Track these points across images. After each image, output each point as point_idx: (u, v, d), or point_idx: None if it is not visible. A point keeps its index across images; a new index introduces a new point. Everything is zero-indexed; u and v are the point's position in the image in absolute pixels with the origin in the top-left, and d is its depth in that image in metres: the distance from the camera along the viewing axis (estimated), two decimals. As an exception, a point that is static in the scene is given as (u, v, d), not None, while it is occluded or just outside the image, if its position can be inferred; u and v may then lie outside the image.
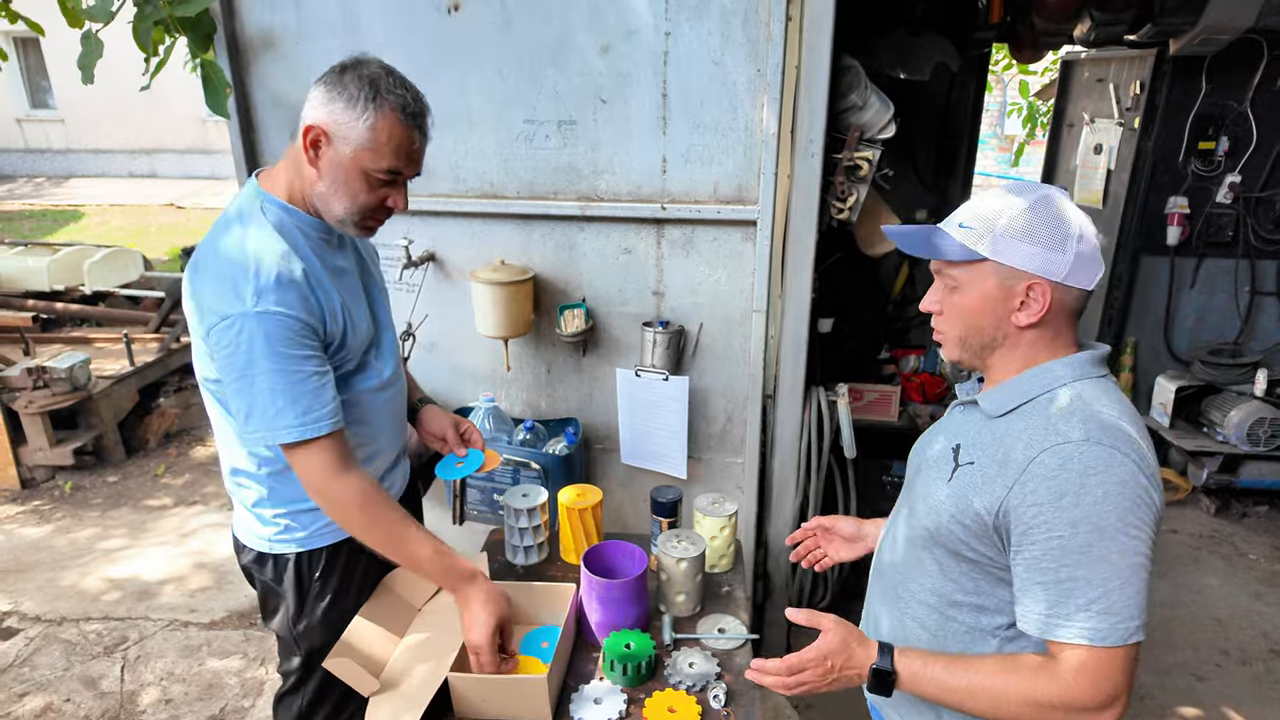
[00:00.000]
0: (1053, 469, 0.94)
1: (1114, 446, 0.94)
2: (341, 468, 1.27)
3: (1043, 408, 1.00)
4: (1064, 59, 4.43)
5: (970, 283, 1.04)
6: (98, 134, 13.31)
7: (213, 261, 1.23)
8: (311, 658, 1.43)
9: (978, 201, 1.05)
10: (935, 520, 1.07)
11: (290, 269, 1.23)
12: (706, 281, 2.10)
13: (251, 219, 1.27)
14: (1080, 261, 0.99)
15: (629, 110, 2.00)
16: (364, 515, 1.29)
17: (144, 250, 6.45)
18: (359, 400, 1.41)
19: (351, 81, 1.21)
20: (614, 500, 2.34)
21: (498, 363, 2.22)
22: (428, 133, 1.29)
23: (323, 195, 1.27)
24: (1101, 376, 1.03)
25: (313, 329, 1.25)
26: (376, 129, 1.21)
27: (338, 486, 1.27)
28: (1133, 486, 0.93)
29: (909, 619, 1.15)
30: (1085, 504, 0.92)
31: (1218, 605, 3.00)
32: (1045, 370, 1.03)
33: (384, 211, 1.32)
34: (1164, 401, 3.75)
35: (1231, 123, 3.54)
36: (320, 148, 1.24)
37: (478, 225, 2.16)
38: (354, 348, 1.36)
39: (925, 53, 2.77)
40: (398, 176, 1.28)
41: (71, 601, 2.97)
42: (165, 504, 3.73)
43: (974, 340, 1.07)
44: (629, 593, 1.44)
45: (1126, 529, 0.92)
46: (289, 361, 1.20)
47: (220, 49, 2.06)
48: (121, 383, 4.14)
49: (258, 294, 1.19)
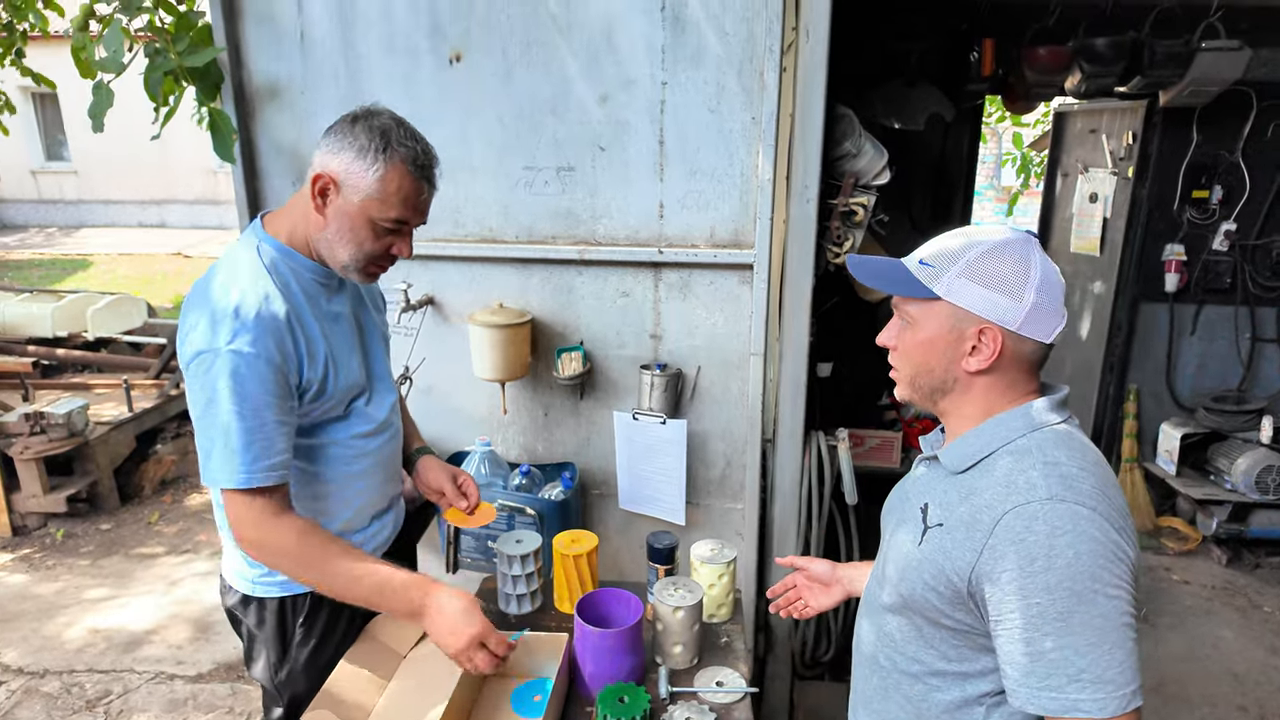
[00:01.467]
0: (1018, 531, 0.90)
1: (1078, 502, 0.89)
2: (275, 514, 1.23)
3: (1003, 462, 0.96)
4: (1056, 110, 4.52)
5: (924, 321, 1.01)
6: (109, 185, 13.58)
7: (201, 298, 1.24)
8: (294, 708, 1.38)
9: (943, 239, 1.02)
10: (909, 587, 1.02)
11: (272, 310, 1.23)
12: (704, 325, 2.10)
13: (246, 259, 1.27)
14: (1037, 312, 0.96)
15: (627, 157, 2.02)
16: (300, 559, 1.24)
17: (149, 298, 6.50)
18: (348, 444, 1.38)
19: (363, 132, 1.22)
20: (611, 547, 2.30)
21: (494, 406, 2.20)
22: (435, 183, 1.30)
23: (328, 241, 1.27)
24: (1061, 423, 0.99)
25: (284, 375, 1.23)
26: (386, 179, 1.22)
27: (270, 533, 1.22)
28: (1104, 543, 0.88)
29: (891, 689, 1.09)
30: (1058, 567, 0.87)
31: (1234, 660, 2.91)
32: (1001, 422, 0.99)
33: (389, 259, 1.32)
34: (1169, 449, 3.71)
35: (1224, 172, 3.58)
36: (328, 196, 1.25)
37: (477, 269, 2.18)
38: (337, 395, 1.34)
39: (919, 103, 2.83)
40: (404, 226, 1.29)
41: (56, 653, 2.90)
42: (156, 552, 3.67)
43: (923, 381, 1.04)
44: (624, 643, 1.40)
45: (1105, 589, 0.87)
46: (250, 405, 1.19)
47: (227, 98, 2.10)
48: (119, 429, 4.11)
49: (234, 333, 1.18)
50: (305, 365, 1.27)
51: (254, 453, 1.19)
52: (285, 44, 2.08)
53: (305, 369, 1.27)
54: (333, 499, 1.39)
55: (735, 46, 1.90)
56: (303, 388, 1.28)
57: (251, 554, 1.26)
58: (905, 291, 1.02)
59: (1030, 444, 0.97)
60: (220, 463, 1.19)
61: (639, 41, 1.94)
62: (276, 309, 1.23)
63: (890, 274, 1.04)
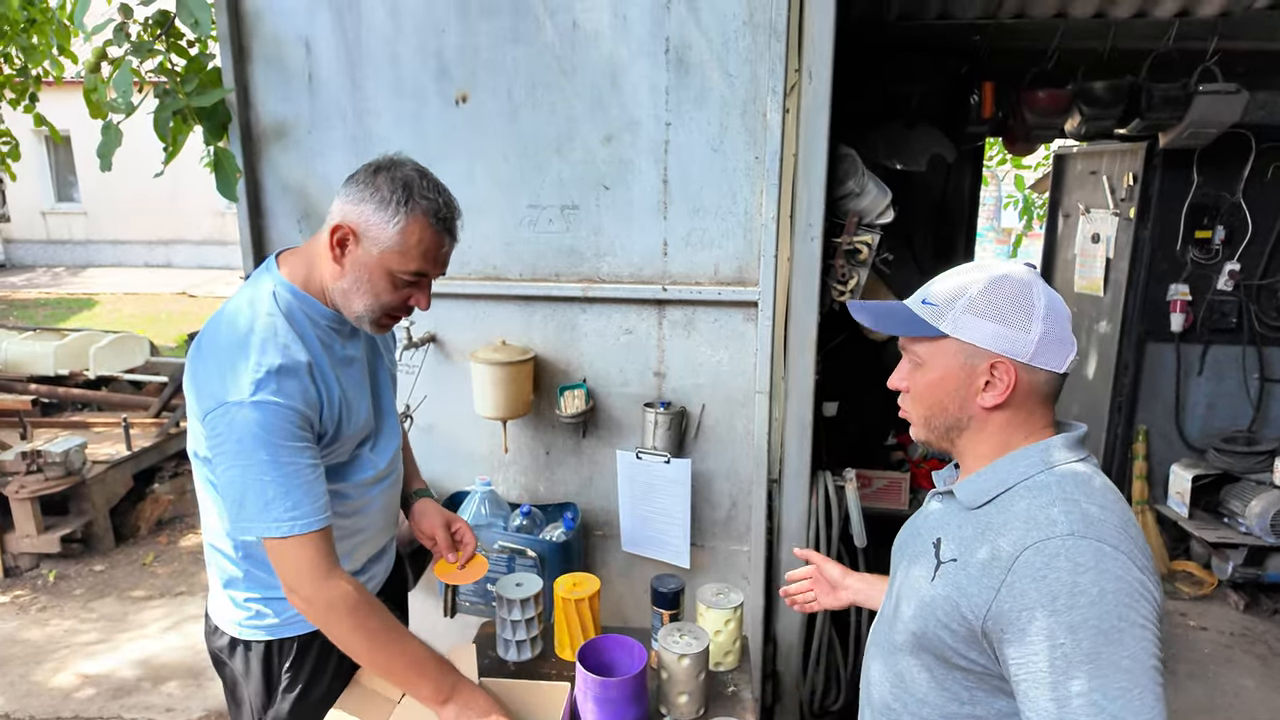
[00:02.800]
0: (1039, 568, 0.87)
1: (1101, 539, 0.86)
2: (327, 569, 1.20)
3: (1022, 498, 0.94)
4: (1056, 152, 4.56)
5: (933, 360, 1.00)
6: (117, 226, 13.74)
7: (217, 344, 1.21)
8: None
9: (944, 278, 1.01)
10: (921, 625, 0.99)
11: (294, 358, 1.21)
12: (708, 362, 2.08)
13: (262, 304, 1.25)
14: (1047, 342, 0.94)
15: (631, 195, 2.03)
16: (350, 621, 1.21)
17: (152, 336, 6.51)
18: (348, 493, 1.36)
19: (385, 183, 1.21)
20: (614, 591, 2.24)
21: (496, 444, 2.17)
22: (457, 236, 1.29)
23: (344, 292, 1.25)
24: (1081, 460, 0.97)
25: (309, 421, 1.21)
26: (407, 232, 1.21)
27: (323, 589, 1.20)
28: (1128, 581, 0.85)
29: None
30: (1082, 605, 0.84)
31: (1257, 709, 2.81)
32: (1020, 457, 0.97)
33: (405, 310, 1.31)
34: (1180, 490, 3.66)
35: (1226, 213, 3.60)
36: (347, 246, 1.23)
37: (480, 306, 2.17)
38: (348, 439, 1.32)
39: (920, 144, 2.85)
40: (423, 278, 1.27)
41: (43, 699, 2.81)
42: (150, 594, 3.60)
43: (938, 420, 1.02)
44: (627, 692, 1.34)
45: (1131, 628, 0.83)
46: (283, 453, 1.16)
47: (234, 137, 2.12)
48: (116, 468, 4.07)
49: (257, 384, 1.16)
50: (325, 411, 1.25)
51: (294, 498, 1.17)
52: (293, 85, 2.10)
53: (325, 414, 1.25)
54: None
55: (738, 88, 1.92)
56: (320, 431, 1.26)
57: (299, 607, 1.22)
58: (911, 332, 1.01)
59: (1050, 480, 0.94)
60: (256, 512, 1.17)
61: (643, 83, 1.96)
62: (298, 357, 1.21)
63: (894, 316, 1.03)
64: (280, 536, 1.17)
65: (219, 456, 1.18)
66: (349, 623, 1.20)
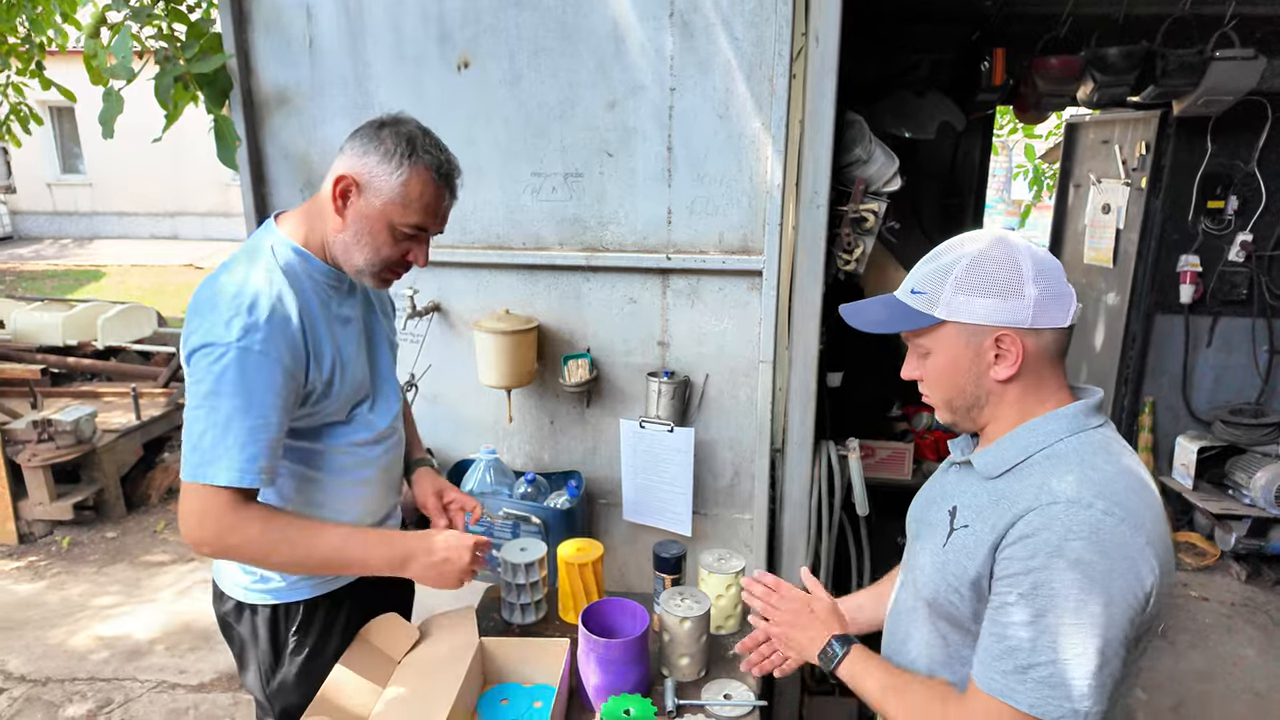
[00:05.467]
0: (1035, 526, 0.89)
1: (1106, 512, 0.87)
2: (229, 522, 1.16)
3: (1039, 467, 0.95)
4: (1068, 121, 4.49)
5: (939, 347, 1.00)
6: (123, 198, 13.72)
7: (211, 292, 1.21)
8: (286, 718, 1.35)
9: (926, 262, 1.02)
10: (933, 590, 1.01)
11: (285, 311, 1.21)
12: (712, 332, 2.08)
13: (259, 257, 1.25)
14: (1044, 301, 0.94)
15: (635, 163, 2.01)
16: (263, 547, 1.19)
17: (159, 308, 6.53)
18: (348, 453, 1.37)
19: (389, 137, 1.23)
20: (616, 558, 2.27)
21: (500, 414, 2.18)
22: (457, 193, 1.31)
23: (345, 244, 1.26)
24: (1099, 427, 0.98)
25: (291, 376, 1.21)
26: (409, 185, 1.22)
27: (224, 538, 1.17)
28: (1117, 556, 0.85)
29: None
30: (1057, 567, 0.86)
31: (1255, 678, 2.84)
32: (1038, 426, 0.98)
33: (404, 265, 1.32)
34: (1186, 462, 3.66)
35: (1240, 182, 3.54)
36: (349, 198, 1.24)
37: (483, 276, 2.16)
38: (341, 398, 1.33)
39: (929, 112, 2.81)
40: (422, 233, 1.28)
41: (58, 661, 2.88)
42: (162, 560, 3.66)
43: (959, 402, 1.03)
44: (629, 653, 1.36)
45: (1092, 602, 0.85)
46: (255, 403, 1.16)
47: (236, 105, 2.10)
48: (126, 437, 4.12)
49: (245, 329, 1.16)
50: (312, 367, 1.25)
51: (251, 452, 1.16)
52: (294, 51, 2.08)
53: (311, 371, 1.25)
54: (330, 506, 1.37)
55: (745, 52, 1.89)
56: (308, 388, 1.26)
57: (205, 552, 1.19)
58: (908, 325, 1.01)
59: (1067, 449, 0.95)
60: (211, 456, 1.14)
61: (647, 47, 1.93)
62: (289, 310, 1.21)
63: (888, 313, 1.03)
64: (217, 484, 1.14)
65: (192, 394, 1.17)
66: (263, 548, 1.19)
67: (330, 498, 1.36)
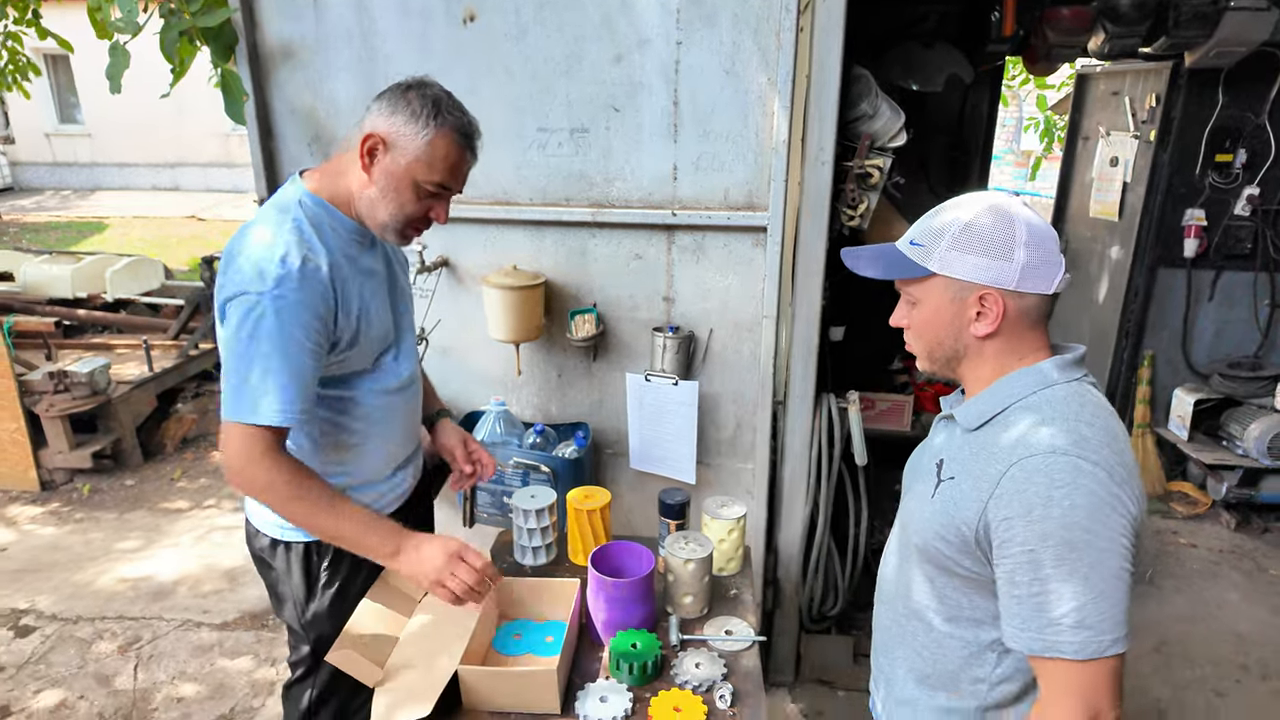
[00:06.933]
0: (1021, 482, 0.94)
1: (1081, 456, 0.93)
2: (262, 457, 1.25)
3: (1017, 419, 1.00)
4: (1079, 72, 4.42)
5: (926, 298, 1.06)
6: (123, 148, 13.58)
7: (245, 244, 1.28)
8: (320, 647, 1.45)
9: (930, 216, 1.06)
10: (922, 538, 1.07)
11: (316, 262, 1.28)
12: (717, 287, 2.12)
13: (289, 211, 1.32)
14: (1031, 267, 0.98)
15: (640, 118, 2.02)
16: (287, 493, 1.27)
17: (165, 260, 6.55)
18: (374, 399, 1.43)
19: (416, 98, 1.29)
20: (623, 505, 2.35)
21: (509, 367, 2.24)
22: (478, 154, 1.37)
23: (371, 200, 1.32)
24: (1074, 380, 1.02)
25: (324, 323, 1.28)
26: (434, 144, 1.28)
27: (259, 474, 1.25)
28: (1102, 497, 0.91)
29: (909, 636, 1.15)
30: (1054, 517, 0.91)
31: (1238, 620, 2.94)
32: (1015, 379, 1.03)
33: (425, 222, 1.38)
34: (1182, 414, 3.71)
35: (1249, 135, 3.52)
36: (376, 155, 1.30)
37: (491, 231, 2.19)
38: (367, 348, 1.39)
39: (937, 64, 2.79)
40: (445, 191, 1.34)
41: (87, 601, 3.00)
42: (181, 507, 3.77)
43: (939, 353, 1.08)
44: (636, 592, 1.44)
45: (1097, 540, 0.91)
46: (294, 348, 1.24)
47: (241, 59, 2.11)
48: (140, 388, 4.19)
49: (278, 280, 1.23)
50: (340, 317, 1.32)
51: (291, 394, 1.24)
52: (299, 4, 2.07)
53: (340, 320, 1.32)
54: (357, 450, 1.45)
55: (751, 5, 1.88)
56: (336, 337, 1.33)
57: (237, 484, 1.28)
58: (902, 274, 1.07)
59: (1040, 400, 1.00)
60: (255, 397, 1.22)
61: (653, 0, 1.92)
62: (320, 262, 1.28)
63: (886, 260, 1.08)
64: (260, 424, 1.22)
65: (230, 342, 1.24)
66: (286, 495, 1.27)
67: (358, 443, 1.44)
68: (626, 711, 1.29)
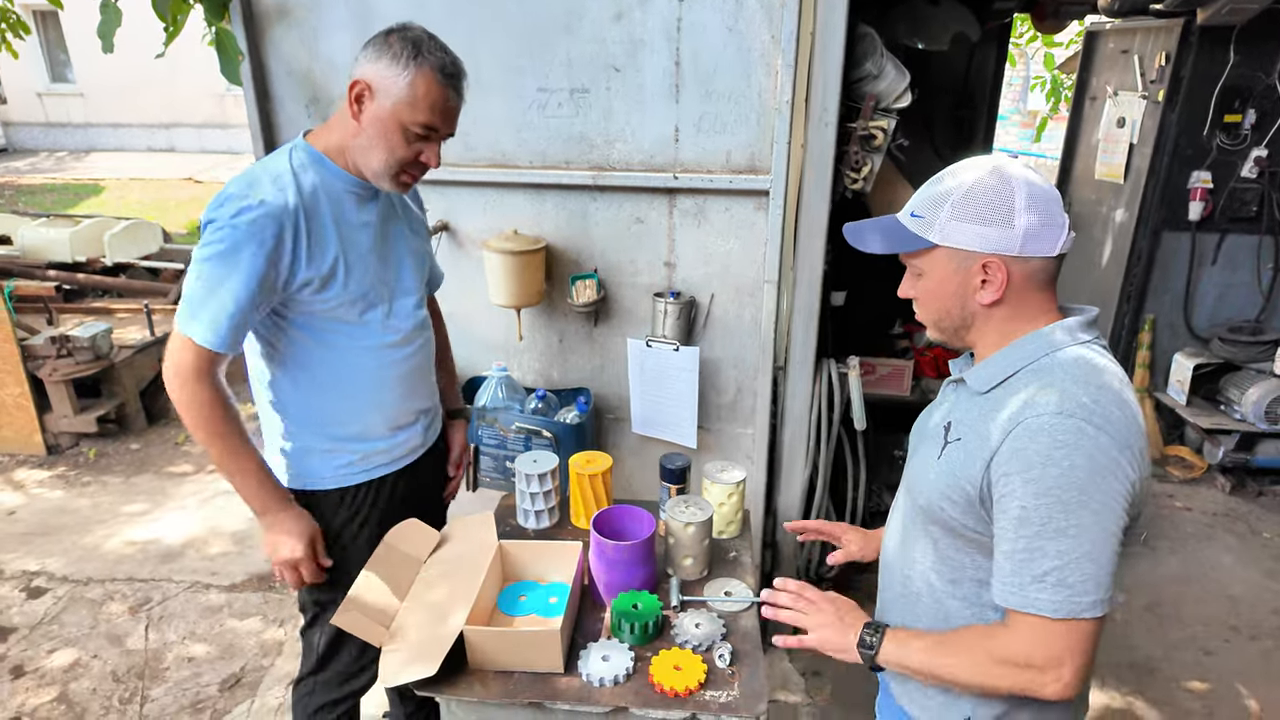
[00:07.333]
0: (1024, 441, 0.95)
1: (1086, 419, 0.93)
2: (198, 376, 1.31)
3: (1026, 382, 1.00)
4: (1088, 29, 4.33)
5: (931, 269, 1.06)
6: (117, 109, 13.38)
7: (230, 182, 1.33)
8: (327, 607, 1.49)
9: (929, 186, 1.05)
10: (928, 499, 1.09)
11: (282, 201, 1.31)
12: (718, 252, 2.10)
13: (277, 158, 1.37)
14: (1033, 231, 0.98)
15: (642, 79, 1.99)
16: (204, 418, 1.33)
17: (163, 223, 6.51)
18: (364, 359, 1.47)
19: (396, 41, 1.31)
20: (624, 469, 2.37)
21: (510, 332, 2.24)
22: (463, 94, 1.39)
23: (363, 148, 1.36)
24: (1085, 342, 1.03)
25: (272, 262, 1.31)
26: (415, 85, 1.31)
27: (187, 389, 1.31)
28: (1101, 459, 0.92)
29: (913, 598, 1.17)
30: (1050, 476, 0.93)
31: (1230, 582, 2.99)
32: (1025, 343, 1.03)
33: (418, 167, 1.40)
34: (1181, 379, 3.72)
35: (1259, 95, 3.46)
36: (363, 101, 1.33)
37: (490, 195, 2.17)
38: (345, 297, 1.41)
39: (943, 22, 2.73)
40: (433, 133, 1.36)
41: (96, 563, 3.05)
42: (186, 471, 3.81)
43: (946, 323, 1.09)
44: (637, 555, 1.46)
45: (1091, 503, 0.92)
46: (232, 277, 1.28)
47: (236, 18, 2.06)
48: (143, 352, 4.20)
49: (239, 211, 1.28)
50: (304, 259, 1.34)
51: (222, 322, 1.29)
52: (292, -41, 2.02)
53: (304, 262, 1.34)
54: (349, 404, 1.48)
55: (755, -39, 1.84)
56: (302, 281, 1.35)
57: (169, 390, 1.34)
58: (905, 247, 1.06)
59: (1051, 363, 1.01)
60: (194, 314, 1.28)
61: (655, -44, 1.88)
62: (287, 199, 1.32)
63: (887, 234, 1.08)
64: (202, 344, 1.29)
65: (193, 260, 1.31)
66: (199, 417, 1.33)
67: (349, 395, 1.48)
68: (628, 670, 1.32)
